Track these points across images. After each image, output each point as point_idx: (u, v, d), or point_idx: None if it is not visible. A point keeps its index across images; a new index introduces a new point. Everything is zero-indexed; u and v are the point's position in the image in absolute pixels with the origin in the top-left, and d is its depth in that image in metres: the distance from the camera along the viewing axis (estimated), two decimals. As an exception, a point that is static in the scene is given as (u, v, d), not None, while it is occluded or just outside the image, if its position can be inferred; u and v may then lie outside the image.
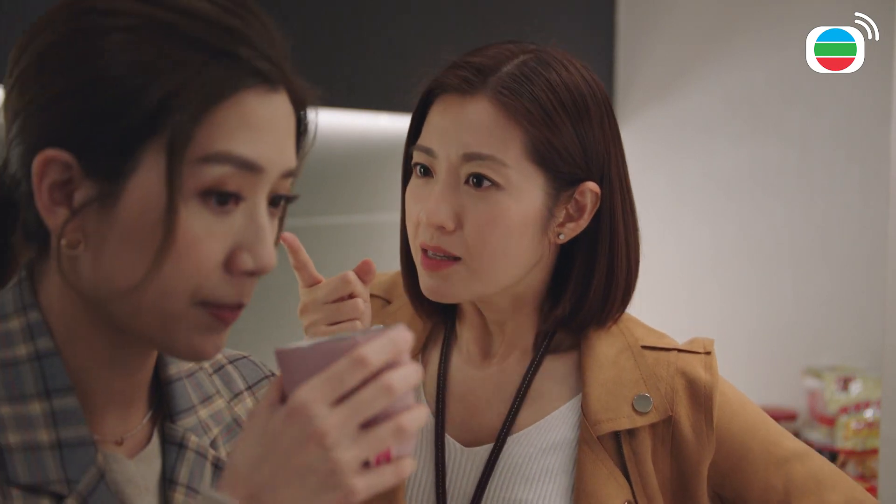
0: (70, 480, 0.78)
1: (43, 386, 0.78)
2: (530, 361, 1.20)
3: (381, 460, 0.74)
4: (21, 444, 0.76)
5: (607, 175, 1.15)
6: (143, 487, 0.84)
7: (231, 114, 0.75)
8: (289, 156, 0.81)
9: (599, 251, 1.17)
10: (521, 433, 1.17)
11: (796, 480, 1.17)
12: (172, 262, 0.75)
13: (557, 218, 1.14)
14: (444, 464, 1.17)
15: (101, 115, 0.74)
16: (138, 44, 0.74)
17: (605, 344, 1.19)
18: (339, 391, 0.72)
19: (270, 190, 0.80)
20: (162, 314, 0.77)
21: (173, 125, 0.74)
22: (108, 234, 0.76)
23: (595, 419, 1.15)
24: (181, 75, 0.74)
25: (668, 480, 1.16)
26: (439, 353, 1.23)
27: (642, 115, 3.29)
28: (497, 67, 1.12)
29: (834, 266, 2.97)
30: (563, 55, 1.16)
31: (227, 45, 0.76)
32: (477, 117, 1.10)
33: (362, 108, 2.40)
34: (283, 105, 0.80)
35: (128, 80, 0.74)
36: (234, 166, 0.75)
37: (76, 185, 0.76)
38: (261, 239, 0.78)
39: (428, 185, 1.13)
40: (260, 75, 0.77)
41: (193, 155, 0.74)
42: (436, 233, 1.11)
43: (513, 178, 1.10)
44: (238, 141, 0.76)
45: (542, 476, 1.15)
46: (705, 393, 1.17)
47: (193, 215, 0.75)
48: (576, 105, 1.12)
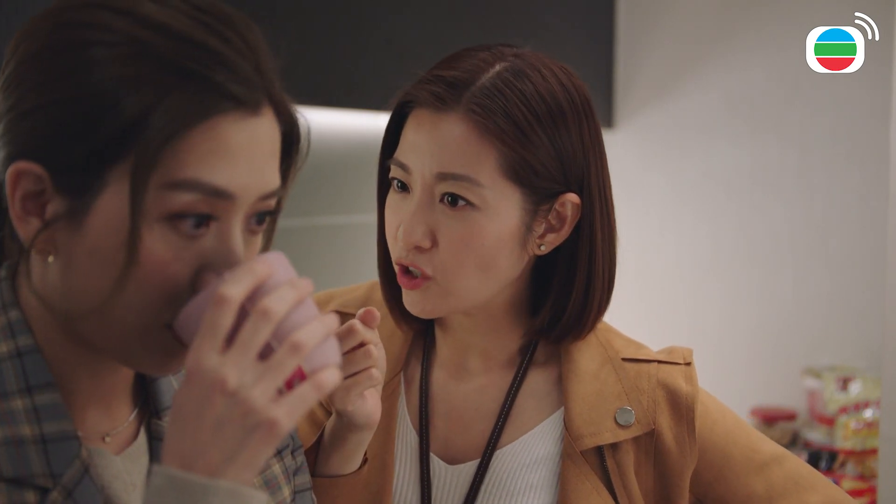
0: (54, 474, 0.78)
1: (24, 382, 0.79)
2: (513, 377, 1.20)
3: (295, 381, 0.72)
4: (4, 439, 0.77)
5: (587, 183, 1.13)
6: (130, 483, 0.84)
7: (202, 140, 0.74)
8: (268, 179, 0.79)
9: (579, 259, 1.15)
10: (505, 449, 1.17)
11: (776, 484, 1.18)
12: (137, 283, 0.74)
13: (537, 231, 1.13)
14: (429, 482, 1.16)
15: (71, 131, 0.73)
16: (113, 62, 0.73)
17: (586, 357, 1.19)
18: (220, 336, 0.71)
19: (252, 209, 0.78)
20: (125, 333, 0.77)
21: (139, 149, 0.72)
22: (75, 251, 0.75)
23: (578, 434, 1.14)
24: (151, 98, 0.72)
25: (650, 492, 1.16)
26: (420, 368, 1.22)
27: (642, 116, 3.29)
28: (471, 81, 1.09)
29: (833, 266, 2.97)
30: (539, 60, 1.13)
31: (202, 67, 0.74)
32: (450, 135, 1.08)
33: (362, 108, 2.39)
34: (263, 127, 0.78)
35: (99, 98, 0.73)
36: (203, 194, 0.74)
37: (48, 197, 0.75)
38: (230, 263, 0.77)
39: (405, 200, 1.12)
40: (235, 100, 0.75)
41: (160, 180, 0.73)
42: (412, 251, 1.10)
43: (488, 197, 1.08)
44: (208, 168, 0.74)
45: (527, 491, 1.15)
46: (687, 404, 1.17)
47: (159, 239, 0.74)
48: (551, 115, 1.10)
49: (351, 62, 2.34)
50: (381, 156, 1.17)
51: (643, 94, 3.29)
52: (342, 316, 1.22)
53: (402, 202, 1.12)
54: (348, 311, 1.22)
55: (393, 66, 2.41)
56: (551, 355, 1.21)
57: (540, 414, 1.19)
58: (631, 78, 3.32)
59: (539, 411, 1.19)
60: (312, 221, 2.40)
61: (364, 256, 1.31)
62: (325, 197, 2.49)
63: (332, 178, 2.49)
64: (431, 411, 1.20)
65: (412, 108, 1.12)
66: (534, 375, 1.20)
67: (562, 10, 3.13)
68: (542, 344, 1.21)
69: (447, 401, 1.20)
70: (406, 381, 1.22)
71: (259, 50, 0.78)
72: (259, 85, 0.77)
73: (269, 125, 0.78)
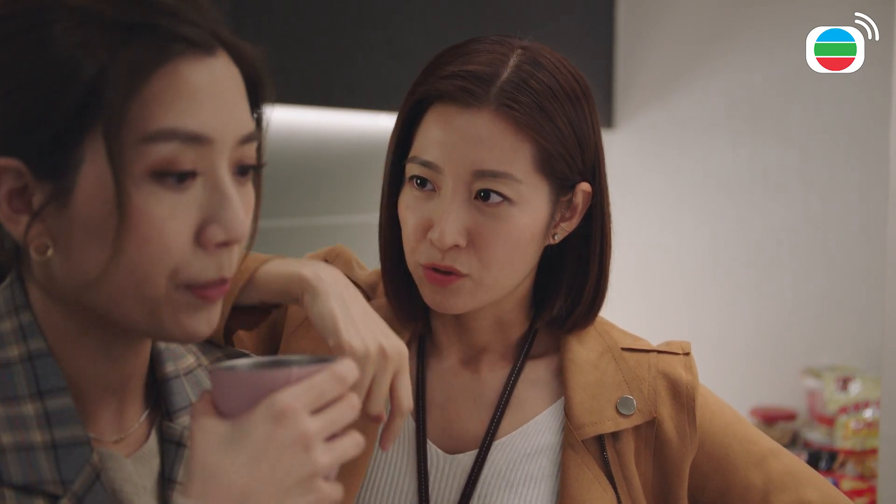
0: (65, 481, 0.77)
1: (36, 387, 0.78)
2: (511, 367, 1.20)
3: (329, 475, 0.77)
4: (14, 445, 0.76)
5: (598, 171, 1.15)
6: (141, 486, 0.84)
7: (164, 86, 0.74)
8: (242, 120, 0.79)
9: (592, 248, 1.17)
10: (504, 439, 1.17)
11: (774, 477, 1.18)
12: (138, 246, 0.74)
13: (555, 221, 1.14)
14: (426, 471, 1.16)
15: (37, 115, 0.73)
16: (64, 36, 0.73)
17: (585, 347, 1.19)
18: (320, 402, 0.74)
19: (233, 158, 0.78)
20: (144, 301, 0.76)
21: (105, 109, 0.72)
22: (70, 231, 0.75)
23: (579, 423, 1.14)
24: (104, 57, 0.72)
25: (650, 482, 1.16)
26: (415, 359, 1.21)
27: (642, 115, 3.29)
28: (495, 75, 1.08)
29: (833, 266, 2.97)
30: (548, 51, 1.13)
31: (148, 17, 0.74)
32: (486, 131, 1.07)
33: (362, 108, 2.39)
34: (223, 68, 0.78)
35: (55, 73, 0.73)
36: (181, 141, 0.74)
37: (32, 190, 0.75)
38: (227, 208, 0.77)
39: (429, 199, 1.10)
40: (186, 41, 0.75)
41: (134, 136, 0.73)
42: (449, 252, 1.09)
43: (524, 192, 1.08)
44: (178, 114, 0.74)
45: (527, 482, 1.15)
46: (687, 393, 1.17)
47: (149, 196, 0.74)
48: (572, 103, 1.11)
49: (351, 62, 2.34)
50: (394, 154, 1.15)
51: (643, 94, 3.29)
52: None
53: (425, 201, 1.11)
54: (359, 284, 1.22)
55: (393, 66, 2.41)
56: (550, 346, 1.21)
57: (539, 404, 1.18)
58: (631, 78, 3.32)
59: (538, 402, 1.19)
60: (312, 221, 2.41)
61: (364, 256, 1.31)
62: (325, 197, 2.49)
63: (331, 178, 2.49)
64: (429, 401, 1.19)
65: (431, 104, 1.11)
66: (532, 366, 1.20)
67: (562, 10, 3.13)
68: (540, 335, 1.21)
69: (444, 391, 1.20)
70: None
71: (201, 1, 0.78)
72: (205, 27, 0.77)
73: (227, 66, 0.78)
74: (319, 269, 1.00)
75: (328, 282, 0.99)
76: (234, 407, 0.75)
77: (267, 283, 1.02)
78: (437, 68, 1.11)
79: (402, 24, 2.52)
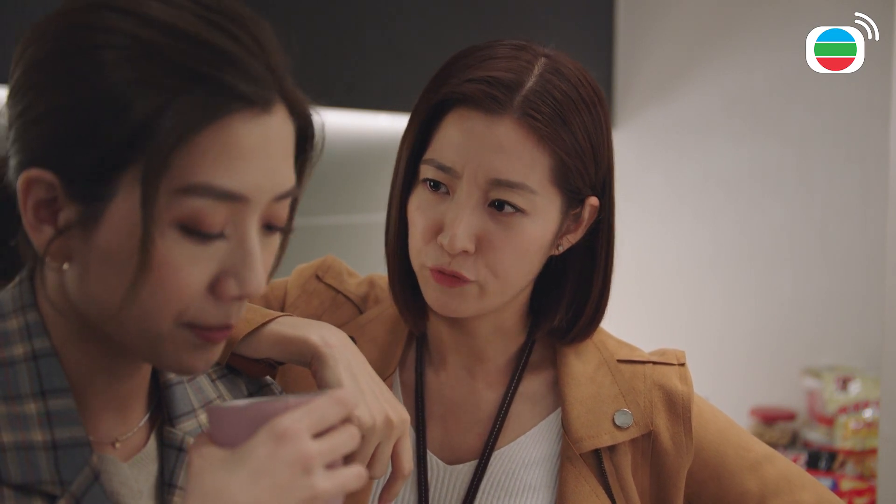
0: (63, 481, 0.77)
1: (39, 386, 0.78)
2: (510, 378, 1.20)
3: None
4: (14, 444, 0.76)
5: (608, 186, 1.15)
6: (137, 491, 0.84)
7: (213, 142, 0.72)
8: (283, 178, 0.78)
9: (597, 263, 1.17)
10: (503, 449, 1.17)
11: (769, 482, 1.19)
12: (152, 287, 0.74)
13: (561, 232, 1.14)
14: (426, 482, 1.16)
15: (81, 137, 0.73)
16: (120, 65, 0.72)
17: (581, 360, 1.19)
18: (321, 425, 0.75)
19: (265, 214, 0.78)
20: (147, 334, 0.76)
21: (149, 153, 0.71)
22: (90, 257, 0.75)
23: (576, 437, 1.14)
24: (160, 101, 0.71)
25: (647, 493, 1.17)
26: (414, 369, 1.21)
27: (641, 116, 3.29)
28: (520, 83, 1.06)
29: (833, 266, 2.97)
30: (569, 60, 1.12)
31: (211, 67, 0.72)
32: (507, 140, 1.06)
33: (362, 108, 2.40)
34: (277, 125, 0.77)
35: (107, 102, 0.72)
36: (215, 198, 0.73)
37: (60, 204, 0.75)
38: (248, 265, 0.76)
39: (442, 202, 1.09)
40: (245, 99, 0.73)
41: (171, 185, 0.72)
42: (457, 257, 1.08)
43: (538, 203, 1.08)
44: (220, 171, 0.73)
45: (525, 491, 1.15)
46: (683, 404, 1.17)
47: (172, 244, 0.73)
48: (591, 116, 1.10)
49: (351, 62, 2.34)
50: (408, 154, 1.13)
51: (643, 94, 3.29)
52: (335, 293, 1.23)
53: (437, 203, 1.10)
54: (349, 295, 1.22)
55: (393, 66, 2.41)
56: (546, 358, 1.21)
57: (536, 416, 1.19)
58: (631, 78, 3.32)
59: (535, 413, 1.19)
60: (312, 221, 2.41)
61: (364, 256, 1.31)
62: (325, 197, 2.49)
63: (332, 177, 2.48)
64: (428, 412, 1.19)
65: (452, 107, 1.09)
66: (529, 378, 1.20)
67: (562, 10, 3.13)
68: (537, 346, 1.21)
69: (443, 402, 1.20)
70: (402, 382, 1.21)
71: (269, 46, 0.76)
72: (270, 82, 0.75)
73: (282, 123, 0.77)
74: (327, 334, 1.00)
75: (337, 348, 0.98)
76: (234, 439, 0.75)
77: (276, 343, 1.01)
78: (460, 70, 1.09)
79: (402, 25, 2.52)
